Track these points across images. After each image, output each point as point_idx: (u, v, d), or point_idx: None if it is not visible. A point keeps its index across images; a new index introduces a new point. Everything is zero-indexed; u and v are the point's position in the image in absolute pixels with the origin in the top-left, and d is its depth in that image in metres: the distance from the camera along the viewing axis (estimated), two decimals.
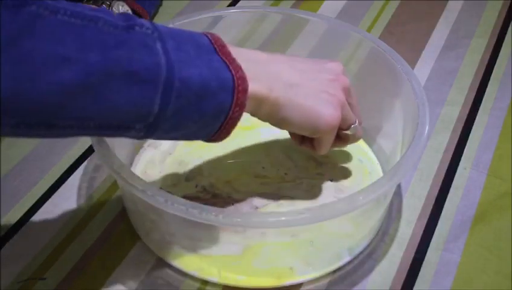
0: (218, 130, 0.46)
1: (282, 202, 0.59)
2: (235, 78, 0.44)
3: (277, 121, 0.50)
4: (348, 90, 0.53)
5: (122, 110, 0.40)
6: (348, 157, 0.64)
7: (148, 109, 0.41)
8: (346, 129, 0.54)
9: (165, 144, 0.65)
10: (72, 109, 0.38)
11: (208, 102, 0.43)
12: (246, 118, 0.48)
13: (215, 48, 0.45)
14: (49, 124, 0.38)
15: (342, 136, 0.55)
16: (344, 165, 0.63)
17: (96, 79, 0.38)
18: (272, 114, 0.49)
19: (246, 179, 0.61)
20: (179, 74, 0.41)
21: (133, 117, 0.41)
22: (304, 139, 0.56)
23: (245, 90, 0.45)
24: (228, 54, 0.45)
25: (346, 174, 0.62)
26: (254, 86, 0.46)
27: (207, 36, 0.45)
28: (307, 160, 0.63)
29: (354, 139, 0.56)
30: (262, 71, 0.48)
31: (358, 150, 0.65)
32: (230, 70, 0.44)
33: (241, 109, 0.45)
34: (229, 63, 0.44)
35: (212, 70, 0.43)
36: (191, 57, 0.42)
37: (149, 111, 0.41)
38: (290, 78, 0.49)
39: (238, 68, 0.44)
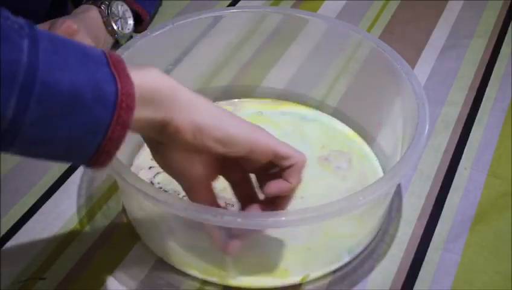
0: (95, 153, 0.40)
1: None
2: (119, 92, 0.39)
3: (190, 126, 0.44)
4: None
5: None
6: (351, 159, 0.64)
7: (1, 111, 0.36)
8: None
9: None
10: None
11: (80, 115, 0.38)
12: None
13: (108, 61, 0.40)
14: None
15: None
16: (347, 167, 0.63)
17: None
18: (182, 113, 0.43)
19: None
20: (44, 77, 0.36)
21: None
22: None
23: (130, 108, 0.39)
24: (122, 69, 0.40)
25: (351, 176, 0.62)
26: (157, 78, 0.42)
27: (103, 51, 0.41)
28: None
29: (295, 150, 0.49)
30: (169, 98, 0.43)
31: (358, 150, 0.65)
32: (116, 84, 0.39)
33: (123, 128, 0.39)
34: (118, 76, 0.39)
35: (91, 80, 0.38)
36: (67, 63, 0.38)
37: (3, 114, 0.36)
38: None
39: (128, 83, 0.39)
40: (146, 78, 0.42)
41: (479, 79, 0.75)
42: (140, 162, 0.63)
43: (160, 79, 0.43)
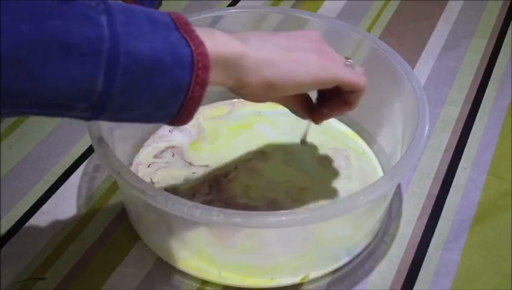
0: (178, 112, 0.42)
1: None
2: (194, 54, 0.41)
3: (263, 83, 0.46)
4: (327, 45, 0.51)
5: (59, 87, 0.37)
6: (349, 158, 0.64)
7: (90, 85, 0.37)
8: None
9: (164, 145, 0.65)
10: (1, 85, 0.35)
11: (162, 79, 0.40)
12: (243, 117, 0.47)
13: (177, 25, 0.42)
14: None
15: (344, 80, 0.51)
16: (347, 168, 0.63)
17: (27, 52, 0.35)
18: (253, 75, 0.46)
19: (249, 180, 0.61)
20: (126, 48, 0.38)
21: (73, 95, 0.38)
22: (311, 106, 0.55)
23: (207, 67, 0.41)
24: (191, 31, 0.42)
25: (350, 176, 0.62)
26: (227, 48, 0.44)
27: (169, 15, 0.42)
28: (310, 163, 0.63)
29: (358, 78, 0.51)
30: (235, 37, 0.45)
31: (356, 148, 0.65)
32: (190, 46, 0.41)
33: (202, 88, 0.42)
34: (190, 39, 0.41)
35: (167, 44, 0.40)
36: (143, 31, 0.39)
37: (92, 88, 0.38)
38: (265, 42, 0.47)
39: (200, 44, 0.41)
40: (217, 43, 0.43)
41: (479, 79, 0.75)
42: (140, 162, 0.63)
43: (229, 45, 0.44)
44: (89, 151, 0.66)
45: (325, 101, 0.54)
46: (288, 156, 0.64)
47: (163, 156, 0.64)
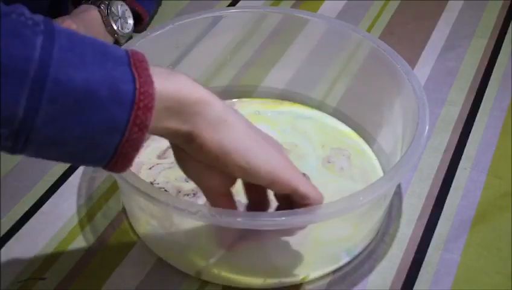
0: (113, 155, 0.39)
1: None
2: (137, 92, 0.37)
3: (217, 147, 0.42)
4: None
5: None
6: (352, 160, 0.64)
7: (10, 109, 0.35)
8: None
9: (164, 144, 0.65)
10: None
11: (95, 115, 0.37)
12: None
13: (130, 61, 0.39)
14: None
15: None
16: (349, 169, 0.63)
17: None
18: (211, 131, 0.42)
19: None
20: (56, 74, 0.35)
21: None
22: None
23: (149, 108, 0.38)
24: (143, 69, 0.38)
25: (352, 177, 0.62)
26: (185, 89, 0.40)
27: (126, 50, 0.39)
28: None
29: (316, 193, 0.47)
30: (206, 89, 0.42)
31: (357, 147, 0.65)
32: (134, 83, 0.37)
33: (141, 130, 0.38)
34: (138, 76, 0.38)
35: (107, 78, 0.37)
36: (84, 61, 0.36)
37: (12, 112, 0.35)
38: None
39: (148, 83, 0.38)
40: (173, 85, 0.40)
41: (479, 79, 0.75)
42: (140, 162, 0.63)
43: (190, 89, 0.41)
44: None
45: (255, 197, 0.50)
46: (290, 156, 0.63)
47: (166, 156, 0.63)
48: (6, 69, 0.34)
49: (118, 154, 0.39)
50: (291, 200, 0.47)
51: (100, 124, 0.37)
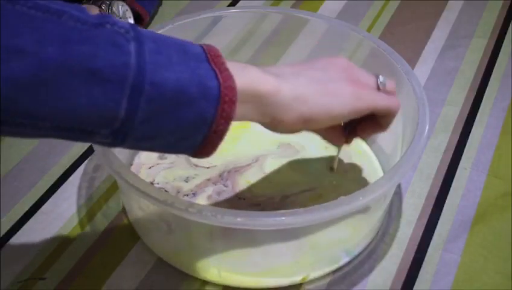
0: (201, 144, 0.42)
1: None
2: (221, 87, 0.40)
3: (299, 120, 0.46)
4: (354, 67, 0.51)
5: (82, 112, 0.37)
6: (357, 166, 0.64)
7: (112, 112, 0.37)
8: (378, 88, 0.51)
9: None
10: (23, 105, 0.35)
11: (186, 111, 0.40)
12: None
13: (207, 57, 0.41)
14: None
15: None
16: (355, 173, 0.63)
17: (51, 74, 0.35)
18: (288, 113, 0.45)
19: (252, 182, 0.61)
20: (151, 77, 0.38)
21: (95, 121, 0.38)
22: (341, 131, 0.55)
23: (233, 101, 0.41)
24: (221, 64, 0.41)
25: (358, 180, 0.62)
26: (257, 82, 0.43)
27: (201, 46, 0.42)
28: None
29: (391, 93, 0.52)
30: (266, 71, 0.45)
31: (358, 150, 0.65)
32: (218, 79, 0.40)
33: (226, 122, 0.41)
34: (219, 71, 0.41)
35: (194, 76, 0.40)
36: (171, 62, 0.39)
37: (114, 115, 0.38)
38: (298, 76, 0.47)
39: (228, 78, 0.41)
40: (246, 79, 0.43)
41: (479, 79, 0.75)
42: (140, 162, 0.63)
43: (261, 81, 0.44)
44: (89, 151, 0.66)
45: (356, 124, 0.54)
46: (292, 156, 0.64)
47: (166, 156, 0.63)
48: (108, 76, 0.36)
49: (204, 144, 0.42)
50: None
51: (190, 119, 0.40)
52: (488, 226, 0.60)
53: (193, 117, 0.40)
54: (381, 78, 0.51)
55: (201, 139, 0.41)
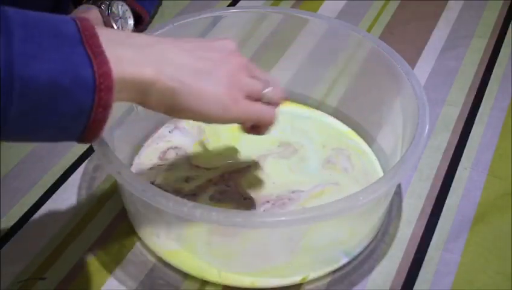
0: (82, 134, 0.41)
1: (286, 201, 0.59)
2: (96, 75, 0.39)
3: (171, 110, 0.46)
4: (244, 67, 0.50)
5: None
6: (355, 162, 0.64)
7: None
8: (260, 99, 0.51)
9: (164, 145, 0.65)
10: None
11: (62, 103, 0.39)
12: None
13: (82, 38, 0.40)
14: None
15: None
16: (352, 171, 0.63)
17: None
18: (163, 101, 0.45)
19: (252, 182, 0.61)
20: (21, 72, 0.37)
21: None
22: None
23: (109, 88, 0.40)
24: (96, 46, 0.40)
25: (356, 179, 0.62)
26: (135, 71, 0.42)
27: (76, 23, 0.40)
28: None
29: (273, 103, 0.52)
30: (145, 54, 0.43)
31: (357, 147, 0.65)
32: (92, 66, 0.39)
33: (105, 109, 0.40)
34: (94, 56, 0.39)
35: (68, 66, 0.38)
36: (43, 50, 0.38)
37: None
38: (177, 59, 0.46)
39: (103, 63, 0.40)
40: (122, 64, 0.41)
41: (479, 79, 0.75)
42: (140, 162, 0.63)
43: (137, 68, 0.43)
44: (89, 151, 0.66)
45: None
46: (292, 156, 0.64)
47: (166, 157, 0.63)
48: None
49: (86, 132, 0.41)
50: None
51: (67, 111, 0.39)
52: (488, 226, 0.60)
53: (70, 108, 0.39)
54: (266, 90, 0.51)
55: (82, 128, 0.41)
